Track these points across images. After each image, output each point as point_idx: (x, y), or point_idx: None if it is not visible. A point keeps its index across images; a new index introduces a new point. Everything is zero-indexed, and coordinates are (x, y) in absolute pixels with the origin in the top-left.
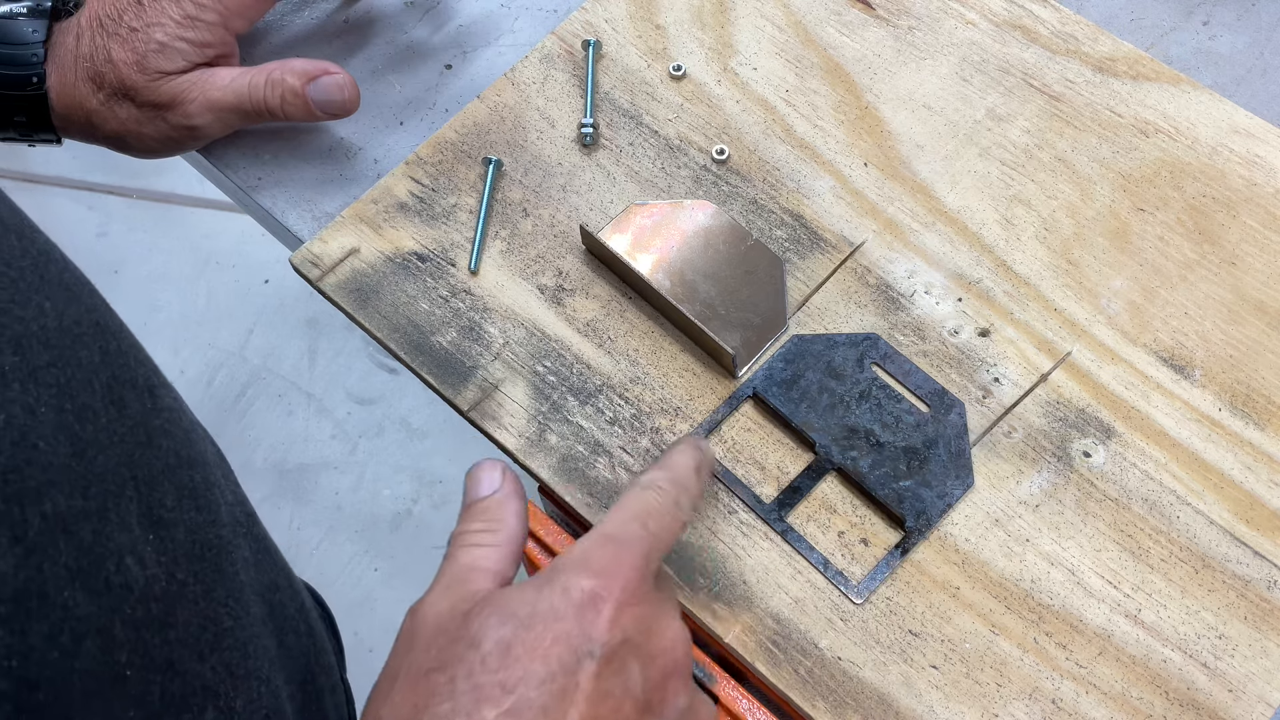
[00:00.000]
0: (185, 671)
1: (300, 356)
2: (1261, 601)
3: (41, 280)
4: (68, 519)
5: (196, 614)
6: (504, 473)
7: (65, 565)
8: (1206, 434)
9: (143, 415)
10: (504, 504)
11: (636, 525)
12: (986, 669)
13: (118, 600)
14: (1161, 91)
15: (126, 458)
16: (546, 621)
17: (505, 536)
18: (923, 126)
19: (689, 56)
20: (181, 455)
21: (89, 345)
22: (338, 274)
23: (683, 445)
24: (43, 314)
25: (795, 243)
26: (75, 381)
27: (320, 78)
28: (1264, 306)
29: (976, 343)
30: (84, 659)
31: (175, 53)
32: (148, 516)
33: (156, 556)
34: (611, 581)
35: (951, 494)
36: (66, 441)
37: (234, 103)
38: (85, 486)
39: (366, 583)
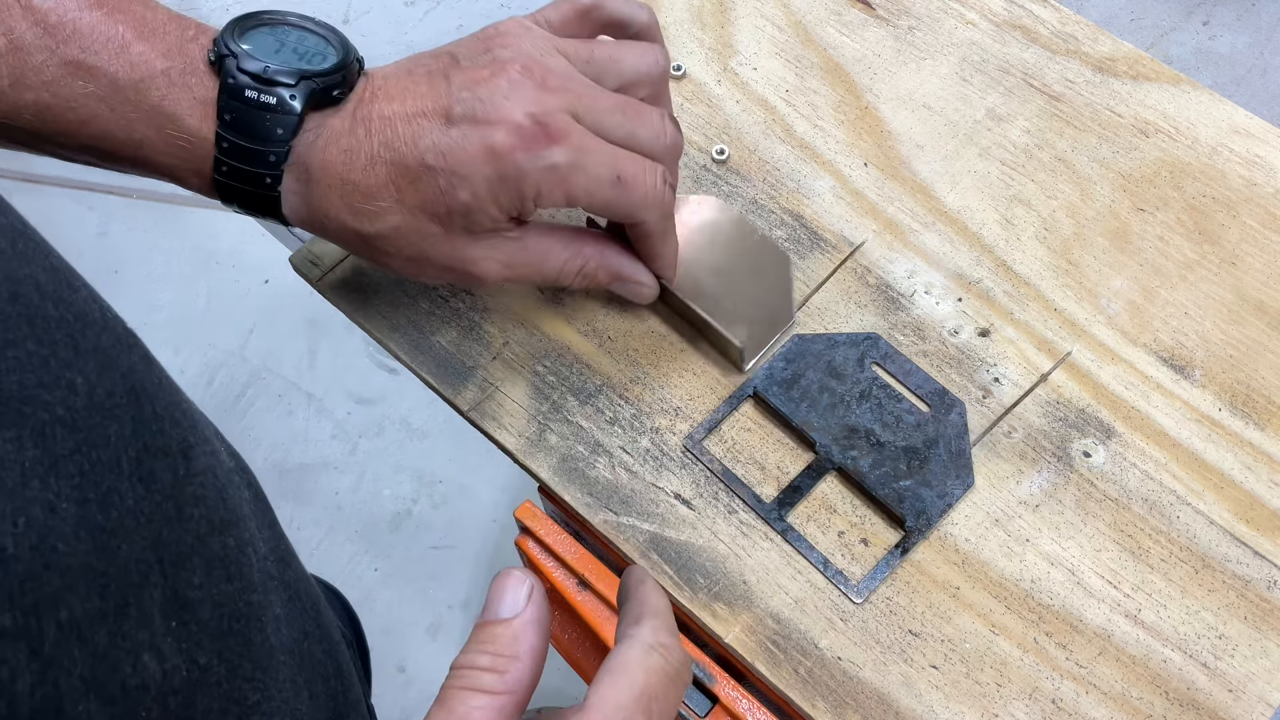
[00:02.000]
0: None
1: (300, 356)
2: (1261, 601)
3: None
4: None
5: (219, 697)
6: (530, 592)
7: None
8: (1206, 434)
9: (174, 486)
10: (520, 637)
11: (640, 715)
12: (986, 669)
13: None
14: (1161, 91)
15: (154, 539)
16: None
17: (512, 682)
18: (923, 126)
19: (689, 56)
20: (214, 521)
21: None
22: (338, 274)
23: (650, 584)
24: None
25: (795, 243)
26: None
27: (631, 284)
28: (1264, 306)
29: (976, 343)
30: None
31: (484, 216)
32: (173, 602)
33: (177, 645)
34: None
35: (952, 494)
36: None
37: (535, 278)
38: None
39: (367, 583)
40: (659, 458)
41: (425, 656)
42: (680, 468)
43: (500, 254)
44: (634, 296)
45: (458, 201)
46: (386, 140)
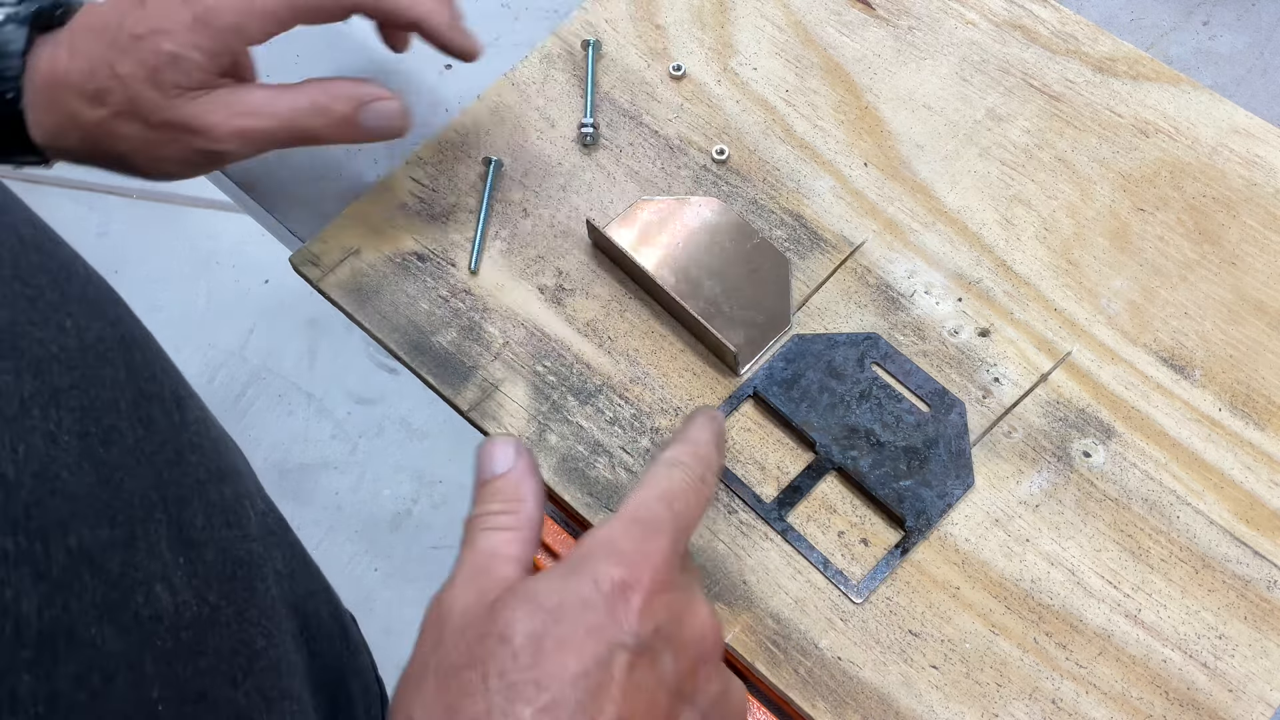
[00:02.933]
0: (218, 700)
1: (300, 356)
2: (1261, 601)
3: (62, 297)
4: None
5: (229, 638)
6: (518, 449)
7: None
8: (1206, 434)
9: (171, 431)
10: (520, 482)
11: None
12: (986, 669)
13: (148, 633)
14: (1161, 91)
15: (156, 478)
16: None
17: (525, 518)
18: (923, 126)
19: (689, 56)
20: (211, 469)
21: (113, 362)
22: (338, 274)
23: (700, 418)
24: (64, 333)
25: (795, 243)
26: (100, 402)
27: (373, 104)
28: (1264, 306)
29: (976, 343)
30: (114, 698)
31: (190, 64)
32: (178, 539)
33: (188, 580)
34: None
35: (952, 494)
36: (91, 469)
37: (271, 129)
38: (112, 515)
39: (367, 583)
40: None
41: None
42: None
43: (222, 106)
44: (386, 120)
45: (164, 52)
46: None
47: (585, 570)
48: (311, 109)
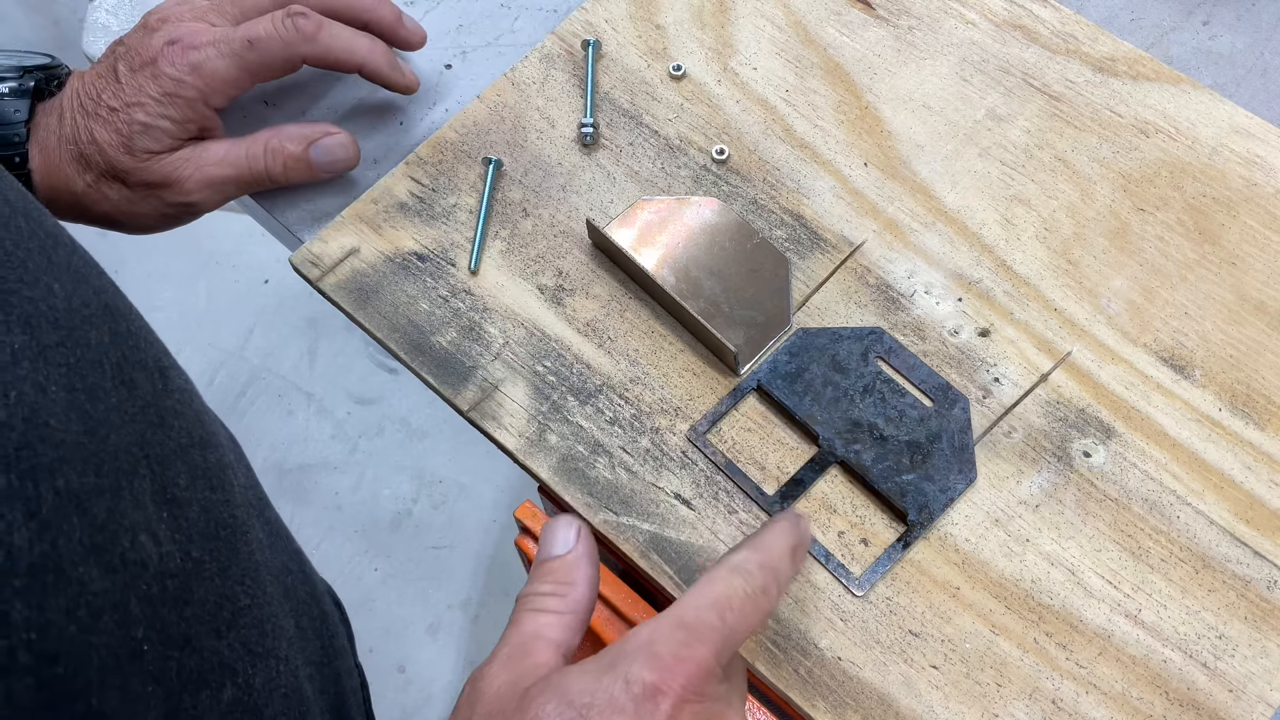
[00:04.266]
0: (203, 648)
1: (300, 356)
2: (1261, 601)
3: (49, 262)
4: (81, 495)
5: (213, 591)
6: (579, 532)
7: (80, 541)
8: (1206, 434)
9: (154, 396)
10: (575, 567)
11: (714, 615)
12: (986, 669)
13: (133, 576)
14: (1161, 91)
15: (139, 437)
16: (604, 713)
17: (573, 603)
18: (923, 126)
19: (689, 56)
20: (194, 435)
21: (98, 327)
22: (338, 274)
23: (781, 524)
24: (51, 294)
25: (795, 243)
26: (85, 362)
27: (321, 140)
28: (1264, 306)
29: (976, 343)
30: (101, 634)
31: (160, 132)
32: (161, 495)
33: (171, 534)
34: (674, 675)
35: (954, 488)
36: (78, 420)
37: (233, 176)
38: (98, 464)
39: (366, 583)
40: (659, 458)
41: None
42: (680, 468)
43: (189, 160)
44: (336, 153)
45: (136, 123)
46: (80, 100)
47: (619, 669)
48: (265, 152)
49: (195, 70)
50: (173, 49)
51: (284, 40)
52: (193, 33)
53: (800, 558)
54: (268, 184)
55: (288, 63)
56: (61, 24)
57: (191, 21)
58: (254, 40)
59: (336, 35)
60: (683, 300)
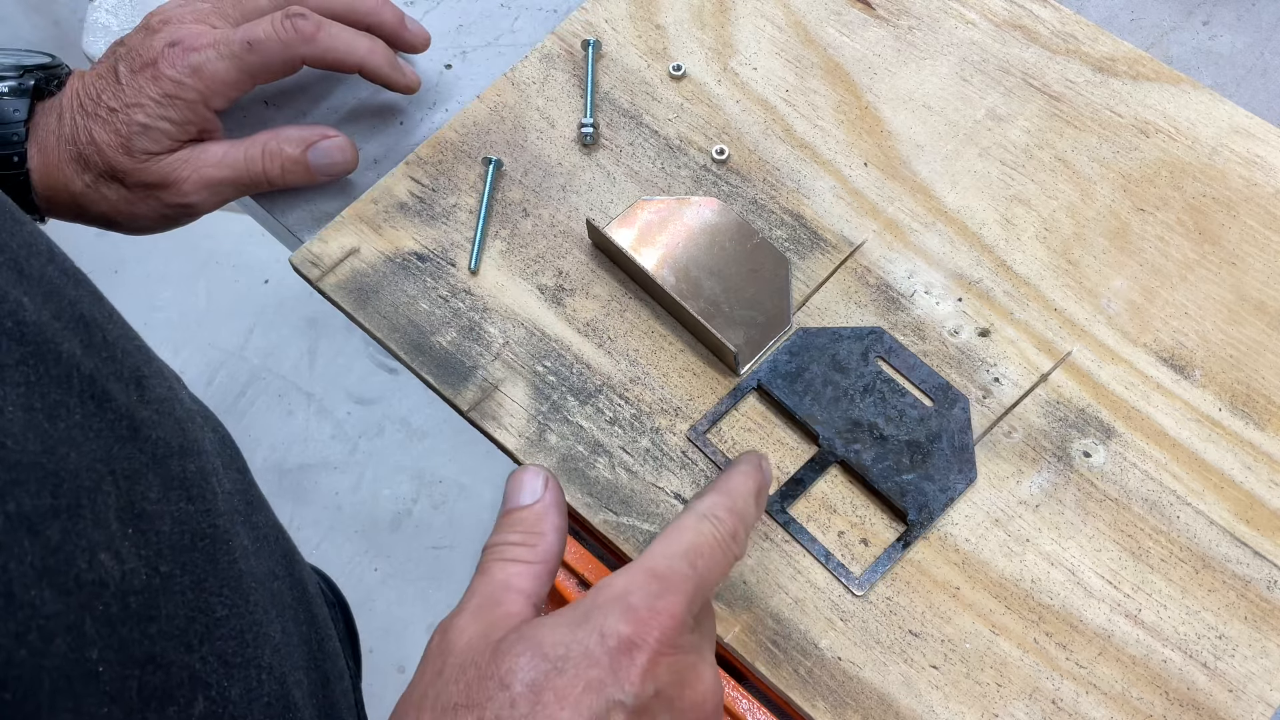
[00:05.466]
0: (170, 664)
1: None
2: (1261, 601)
3: (20, 275)
4: (34, 518)
5: (184, 605)
6: (546, 481)
7: (31, 564)
8: (1206, 434)
9: (129, 407)
10: (544, 516)
11: (685, 564)
12: (986, 669)
13: (89, 596)
14: (1161, 91)
15: (105, 452)
16: (579, 666)
17: (542, 552)
18: (923, 126)
19: (689, 56)
20: (171, 445)
21: (69, 339)
22: (338, 274)
23: (744, 466)
24: (20, 309)
25: (795, 243)
26: (48, 378)
27: (319, 143)
28: (1264, 306)
29: (976, 343)
30: (53, 657)
31: (159, 133)
32: (129, 510)
33: (136, 550)
34: (650, 627)
35: (954, 488)
36: (36, 439)
37: (231, 178)
38: (55, 484)
39: (367, 582)
40: (659, 458)
41: None
42: (680, 468)
43: (188, 162)
44: (334, 157)
45: (136, 124)
46: (80, 100)
47: (593, 622)
48: (263, 155)
49: (195, 72)
50: (173, 51)
51: (283, 41)
52: (194, 34)
53: (763, 501)
54: (265, 186)
55: (287, 64)
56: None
57: (193, 23)
58: (253, 42)
59: (336, 36)
60: (683, 300)
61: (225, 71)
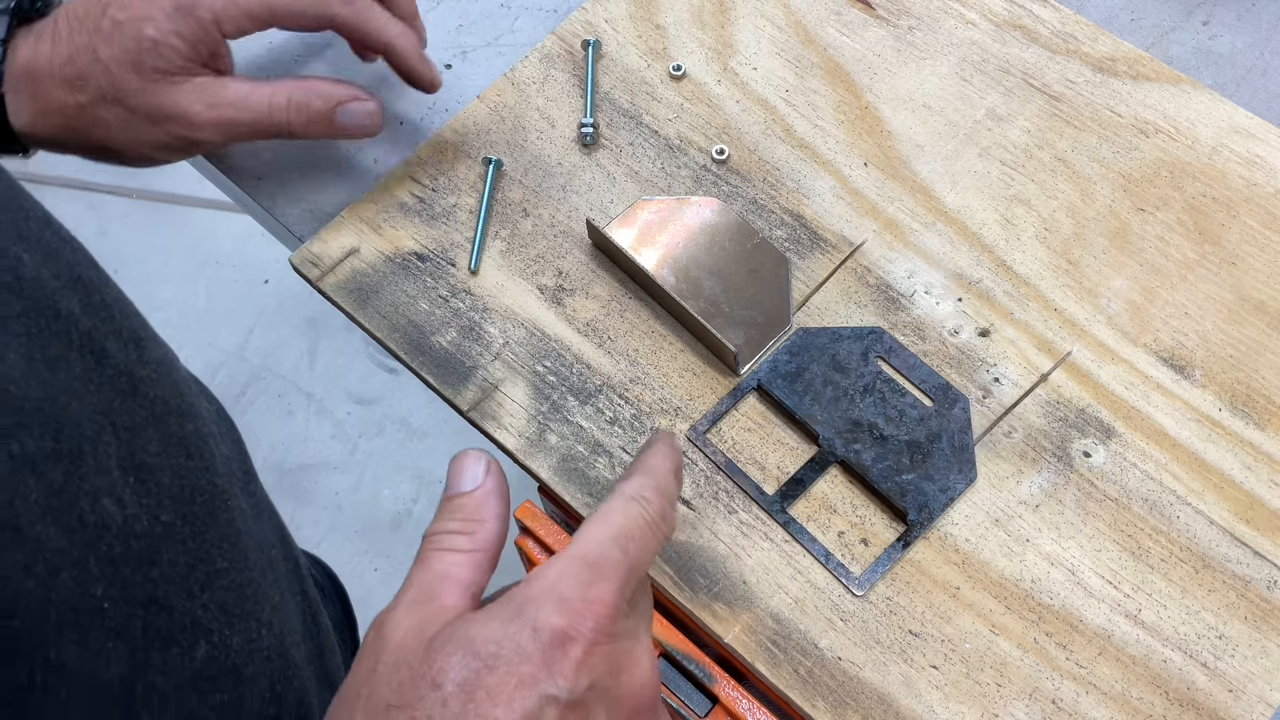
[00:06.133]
0: (173, 608)
1: (300, 356)
2: (1261, 601)
3: (19, 235)
4: (37, 460)
5: (185, 554)
6: (488, 466)
7: (36, 502)
8: (1206, 434)
9: (127, 365)
10: (483, 503)
11: (616, 549)
12: (986, 669)
13: (93, 537)
14: (1161, 91)
15: (105, 405)
16: (511, 663)
17: (482, 540)
18: (923, 126)
19: (689, 56)
20: (170, 405)
21: (68, 298)
22: (338, 274)
23: (660, 446)
24: (20, 264)
25: (795, 243)
26: (48, 332)
27: (350, 104)
28: (1264, 306)
29: (976, 343)
30: (59, 590)
31: (170, 49)
32: (129, 461)
33: (138, 499)
34: (583, 618)
35: (954, 488)
36: (38, 386)
37: (249, 121)
38: (57, 430)
39: (367, 582)
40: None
41: None
42: None
43: (200, 95)
44: (361, 119)
45: (145, 39)
46: (81, 19)
47: (526, 615)
48: (289, 105)
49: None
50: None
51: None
52: None
53: (680, 477)
54: (283, 136)
55: (317, 19)
56: None
57: None
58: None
59: (372, 7)
60: (683, 300)
61: (249, 2)
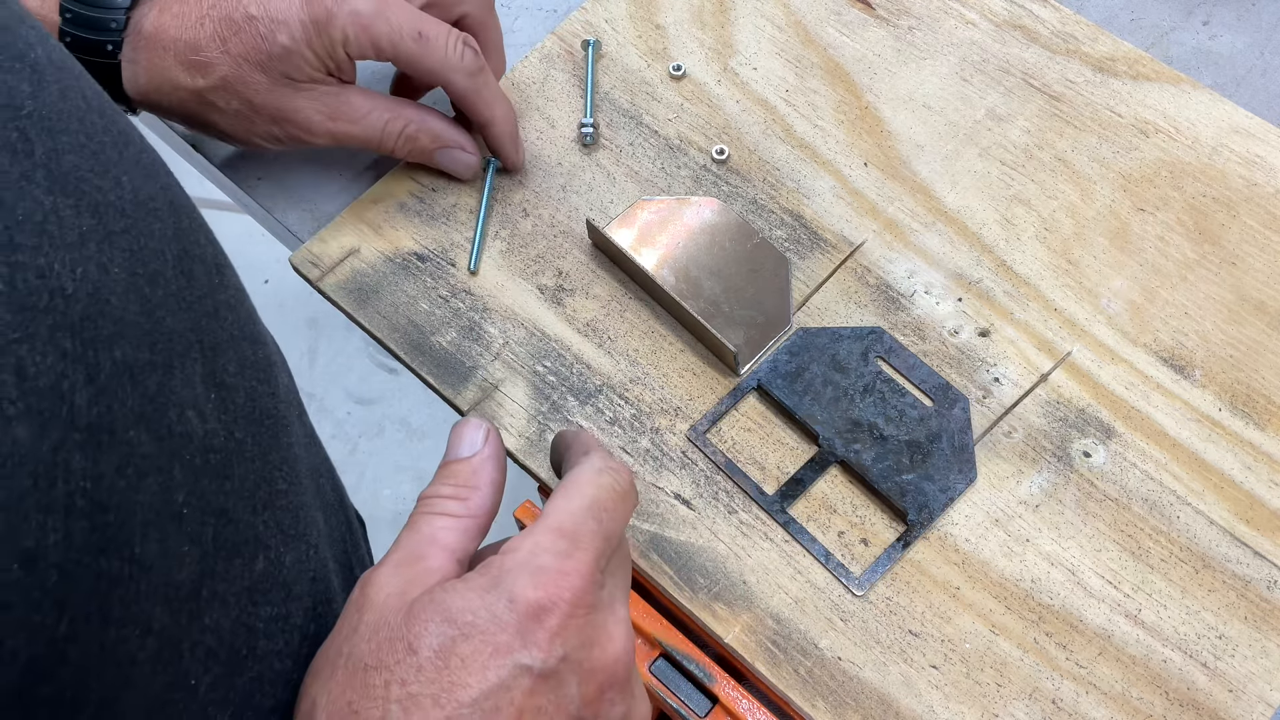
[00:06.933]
0: (239, 520)
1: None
2: (1261, 601)
3: (120, 157)
4: (135, 368)
5: (252, 472)
6: (487, 434)
7: (132, 408)
8: (1206, 434)
9: (210, 289)
10: (479, 470)
11: (591, 519)
12: (986, 669)
13: (178, 446)
14: (1161, 91)
15: (194, 323)
16: (486, 632)
17: (474, 507)
18: (923, 126)
19: (689, 56)
20: (245, 330)
21: (162, 219)
22: (338, 274)
23: (585, 433)
24: (120, 186)
25: (795, 243)
26: (147, 250)
27: (453, 150)
28: (1264, 306)
29: (976, 343)
30: (145, 493)
31: (301, 60)
32: (211, 378)
33: (218, 414)
34: (559, 591)
35: (954, 488)
36: (136, 300)
37: (360, 137)
38: (152, 342)
39: None
40: (659, 458)
41: None
42: (680, 468)
43: (322, 105)
44: (458, 165)
45: (277, 45)
46: (215, 2)
47: (503, 586)
48: (400, 134)
49: (354, 16)
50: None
51: (445, 57)
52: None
53: None
54: (383, 153)
55: (430, 75)
56: None
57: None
58: (425, 36)
59: (490, 85)
60: (683, 300)
61: (382, 37)
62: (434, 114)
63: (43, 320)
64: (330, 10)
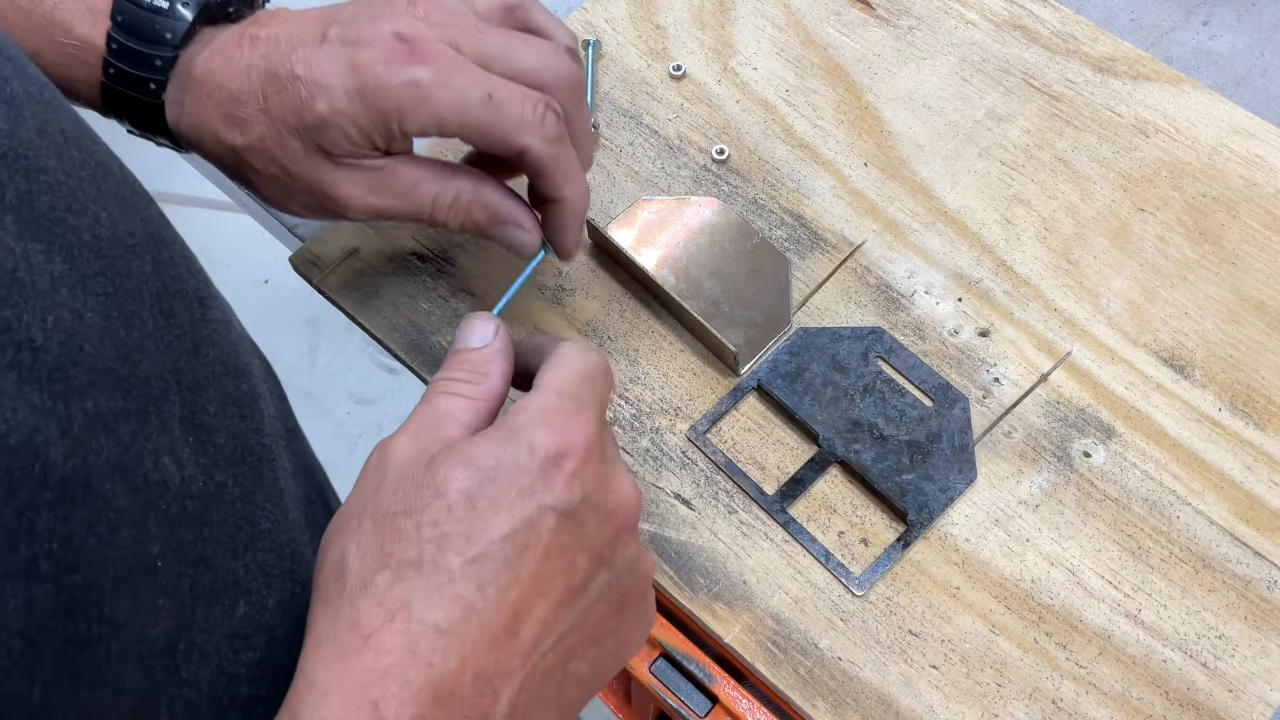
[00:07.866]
0: (218, 567)
1: (300, 356)
2: (1261, 601)
3: (99, 191)
4: (109, 418)
5: (233, 515)
6: (498, 329)
7: (106, 460)
8: (1206, 434)
9: (191, 325)
10: (491, 360)
11: (586, 386)
12: (986, 669)
13: (154, 496)
14: (1161, 91)
15: (171, 364)
16: (510, 475)
17: (485, 391)
18: (923, 126)
19: (689, 56)
20: (227, 365)
21: (141, 255)
22: (338, 274)
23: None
24: (98, 223)
25: (795, 243)
26: (124, 290)
27: (511, 229)
28: (1264, 306)
29: (976, 343)
30: (118, 548)
31: (339, 134)
32: (190, 421)
33: (195, 459)
34: (574, 438)
35: (954, 488)
36: (112, 345)
37: (406, 211)
38: (127, 388)
39: None
40: (659, 458)
41: None
42: (680, 468)
43: (364, 180)
44: (515, 245)
45: (314, 113)
46: (266, 53)
47: (522, 436)
48: (451, 207)
49: (412, 87)
50: (398, 46)
51: (521, 116)
52: (430, 44)
53: None
54: (434, 227)
55: (503, 143)
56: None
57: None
58: (496, 100)
59: (569, 156)
60: (683, 300)
61: (446, 108)
62: (490, 183)
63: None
64: (380, 80)
